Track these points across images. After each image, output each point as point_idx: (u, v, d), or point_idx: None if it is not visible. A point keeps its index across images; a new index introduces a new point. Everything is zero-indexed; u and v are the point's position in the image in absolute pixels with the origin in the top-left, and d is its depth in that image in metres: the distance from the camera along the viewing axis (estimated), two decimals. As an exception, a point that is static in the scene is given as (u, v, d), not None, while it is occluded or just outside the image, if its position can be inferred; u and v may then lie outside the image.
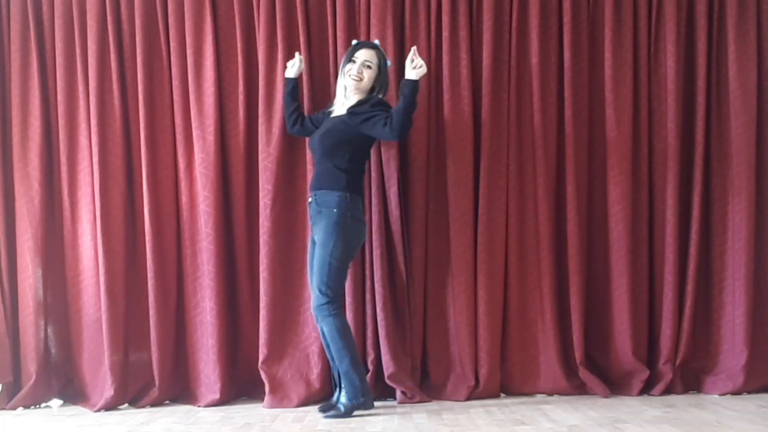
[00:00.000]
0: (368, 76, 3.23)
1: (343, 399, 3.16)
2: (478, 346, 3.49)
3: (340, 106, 3.30)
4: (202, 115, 3.50)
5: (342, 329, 3.14)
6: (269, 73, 3.50)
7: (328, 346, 3.19)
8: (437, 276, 3.54)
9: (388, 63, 3.32)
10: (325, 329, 3.15)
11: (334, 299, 3.13)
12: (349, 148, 3.21)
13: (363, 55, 3.23)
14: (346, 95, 3.28)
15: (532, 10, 3.52)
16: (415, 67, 3.12)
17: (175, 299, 3.57)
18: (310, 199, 3.28)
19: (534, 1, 3.51)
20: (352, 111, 3.20)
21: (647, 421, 2.94)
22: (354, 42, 3.33)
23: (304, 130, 3.42)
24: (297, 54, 3.42)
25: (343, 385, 3.17)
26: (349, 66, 3.24)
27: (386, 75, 3.30)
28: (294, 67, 3.41)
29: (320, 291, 3.13)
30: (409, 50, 3.47)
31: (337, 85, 3.33)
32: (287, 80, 3.42)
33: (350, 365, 3.13)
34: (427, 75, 3.49)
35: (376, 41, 3.35)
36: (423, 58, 3.46)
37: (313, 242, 3.27)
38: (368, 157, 3.35)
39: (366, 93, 3.27)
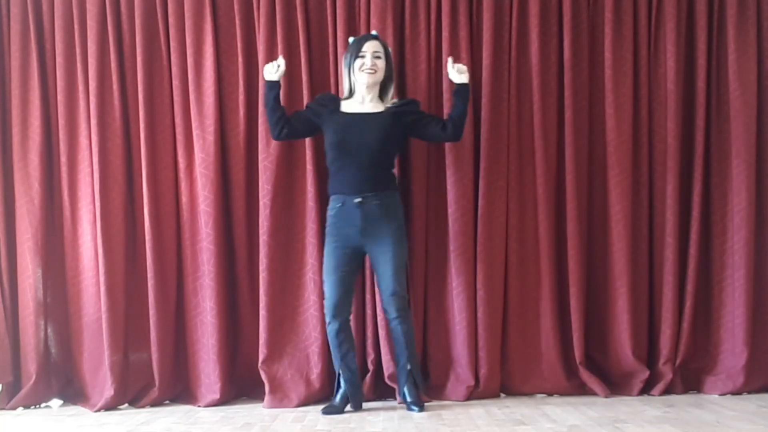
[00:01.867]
0: (380, 66, 3.25)
1: (411, 398, 3.22)
2: (478, 346, 3.48)
3: (360, 103, 3.27)
4: (202, 115, 3.50)
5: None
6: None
7: (403, 346, 3.21)
8: (437, 276, 3.54)
9: (390, 49, 3.34)
10: (407, 329, 3.21)
11: (409, 301, 3.28)
12: (396, 147, 3.29)
13: (370, 47, 3.23)
14: (361, 92, 3.26)
15: (532, 10, 3.52)
16: (460, 72, 3.29)
17: (175, 299, 3.57)
18: (359, 200, 3.17)
19: (534, 1, 3.51)
20: (398, 111, 3.25)
21: (647, 421, 2.94)
22: (351, 39, 3.32)
23: (293, 132, 3.33)
24: (280, 57, 3.39)
25: (416, 381, 3.25)
26: (359, 61, 3.23)
27: (392, 63, 3.32)
28: (279, 71, 3.33)
29: (401, 296, 3.20)
30: (409, 50, 3.48)
31: (345, 83, 3.30)
32: (272, 84, 3.31)
33: (419, 364, 3.29)
34: (427, 75, 3.52)
35: (374, 32, 3.36)
36: (423, 58, 3.51)
37: (345, 245, 3.20)
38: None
39: (378, 84, 3.28)
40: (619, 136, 3.53)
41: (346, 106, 3.29)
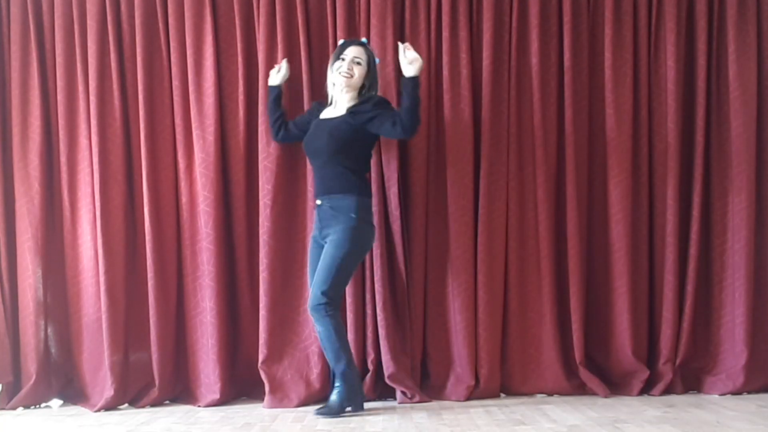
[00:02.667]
0: (358, 72, 3.23)
1: (335, 397, 3.15)
2: (478, 346, 3.48)
3: (333, 108, 3.30)
4: (202, 115, 3.50)
5: (339, 330, 3.14)
6: (269, 73, 3.50)
7: (324, 347, 3.19)
8: (437, 276, 3.54)
9: (377, 60, 3.32)
10: (322, 330, 3.14)
11: (332, 301, 3.12)
12: (355, 148, 3.22)
13: (352, 52, 3.23)
14: (336, 94, 3.28)
15: (532, 10, 3.52)
16: (410, 62, 3.13)
17: (175, 299, 3.57)
18: (319, 203, 3.25)
19: (534, 1, 3.51)
20: (355, 110, 3.21)
21: (647, 421, 2.94)
22: (341, 41, 3.33)
23: (289, 135, 3.41)
24: (284, 61, 3.42)
25: (336, 384, 3.17)
26: (338, 63, 3.24)
27: (375, 72, 3.30)
28: (280, 74, 3.40)
29: (321, 292, 3.12)
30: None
31: (327, 85, 3.33)
32: (271, 88, 3.42)
33: (347, 365, 3.13)
34: (427, 75, 3.51)
35: (364, 39, 3.36)
36: (423, 58, 3.43)
37: (316, 243, 3.28)
38: (371, 156, 3.36)
39: (356, 90, 3.26)
40: (619, 136, 3.53)
41: (324, 113, 3.33)
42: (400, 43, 3.24)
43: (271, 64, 3.50)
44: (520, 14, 3.54)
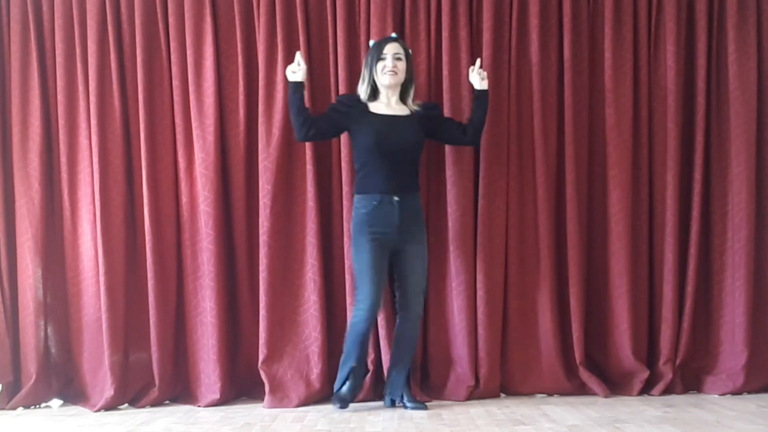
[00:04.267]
0: (401, 67, 3.26)
1: (410, 399, 3.27)
2: (478, 346, 3.48)
3: (385, 105, 3.28)
4: (202, 115, 3.50)
5: None
6: (269, 73, 3.50)
7: (412, 347, 3.30)
8: (437, 276, 3.54)
9: (410, 51, 3.35)
10: (416, 335, 3.30)
11: None
12: (423, 149, 3.34)
13: (391, 49, 3.24)
14: (385, 93, 3.28)
15: (532, 10, 3.52)
16: (483, 78, 3.33)
17: (175, 299, 3.57)
18: (398, 198, 3.20)
19: (534, 1, 3.51)
20: (424, 114, 3.30)
21: (647, 421, 2.94)
22: (372, 42, 3.32)
23: (321, 133, 3.30)
24: (298, 54, 3.30)
25: (408, 387, 3.30)
26: (381, 64, 3.23)
27: (412, 63, 3.34)
28: (301, 69, 3.23)
29: (422, 300, 3.30)
30: (409, 50, 3.48)
31: (365, 86, 3.27)
32: (296, 85, 3.23)
33: (412, 367, 3.35)
34: (427, 75, 3.52)
35: (394, 34, 3.35)
36: (423, 58, 3.52)
37: (380, 241, 3.18)
38: None
39: (400, 85, 3.29)
40: (619, 136, 3.53)
41: (374, 108, 3.29)
42: (478, 59, 3.37)
43: (271, 64, 3.49)
44: (520, 14, 3.54)
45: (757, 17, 3.55)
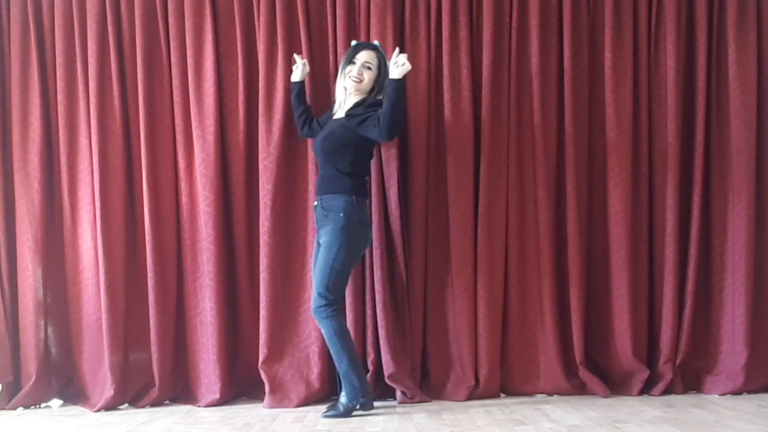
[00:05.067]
0: (368, 77, 3.24)
1: (343, 399, 3.17)
2: (478, 346, 3.49)
3: (339, 109, 3.30)
4: (202, 115, 3.50)
5: (339, 331, 3.14)
6: (269, 73, 3.50)
7: (329, 347, 3.20)
8: (437, 276, 3.54)
9: (388, 64, 3.31)
10: (323, 331, 3.18)
11: (332, 302, 3.14)
12: (350, 150, 3.21)
13: (363, 56, 3.23)
14: (345, 97, 3.28)
15: (532, 10, 3.52)
16: (397, 65, 3.09)
17: (175, 299, 3.57)
18: (315, 203, 3.28)
19: (534, 1, 3.51)
20: (350, 114, 3.21)
21: (647, 421, 2.94)
22: (353, 43, 3.33)
23: (312, 132, 3.42)
24: (299, 57, 3.40)
25: (342, 386, 3.18)
26: (349, 68, 3.24)
27: (386, 76, 3.27)
28: (298, 70, 3.40)
29: (319, 294, 3.14)
30: (409, 50, 3.49)
31: (336, 87, 3.33)
32: (293, 84, 3.42)
33: (349, 366, 3.14)
34: (427, 75, 3.51)
35: (376, 42, 3.35)
36: (423, 58, 3.51)
37: (318, 245, 3.28)
38: (371, 157, 3.35)
39: (366, 94, 3.27)
40: (619, 136, 3.53)
41: (335, 111, 3.34)
42: (397, 48, 3.20)
43: (271, 64, 3.50)
44: (520, 14, 3.54)
45: (757, 17, 3.55)
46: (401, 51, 3.45)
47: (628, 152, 3.54)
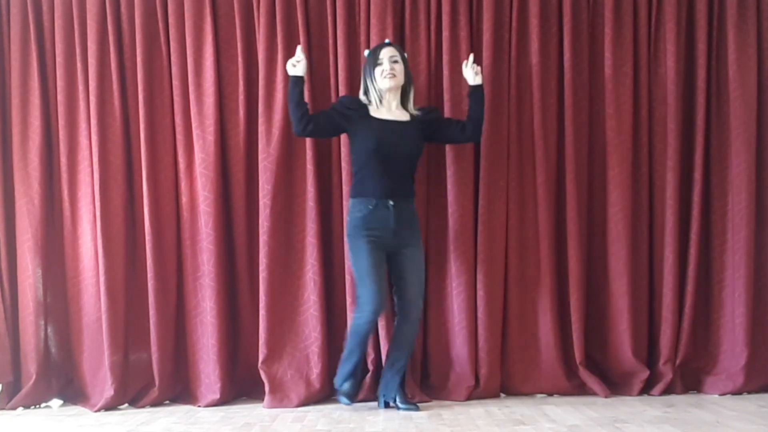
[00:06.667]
0: (399, 70, 3.26)
1: (403, 397, 3.27)
2: (478, 346, 3.48)
3: (387, 110, 3.28)
4: (202, 115, 3.50)
5: None
6: (269, 73, 3.50)
7: (410, 347, 3.29)
8: (437, 276, 3.54)
9: (406, 55, 3.35)
10: (417, 332, 3.31)
11: None
12: (420, 155, 3.34)
13: (386, 53, 3.25)
14: (385, 98, 3.27)
15: (532, 10, 3.52)
16: (477, 73, 3.32)
17: (175, 299, 3.57)
18: (392, 203, 3.20)
19: (534, 1, 3.51)
20: (423, 119, 3.31)
21: (647, 421, 2.94)
22: (366, 51, 3.33)
23: (319, 130, 3.28)
24: (299, 48, 3.30)
25: (403, 389, 3.28)
26: (378, 69, 3.24)
27: (408, 66, 3.33)
28: (301, 63, 3.24)
29: (422, 299, 3.30)
30: (409, 50, 3.49)
31: (369, 94, 3.27)
32: (296, 79, 3.23)
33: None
34: (427, 75, 3.52)
35: (387, 40, 3.35)
36: (423, 58, 3.52)
37: (376, 243, 3.17)
38: None
39: (399, 88, 3.29)
40: (619, 136, 3.53)
41: (375, 113, 3.28)
42: (471, 56, 3.36)
43: (271, 64, 3.50)
44: (520, 14, 3.54)
45: (757, 17, 3.56)
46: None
47: (628, 152, 3.54)
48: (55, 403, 3.61)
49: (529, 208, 3.57)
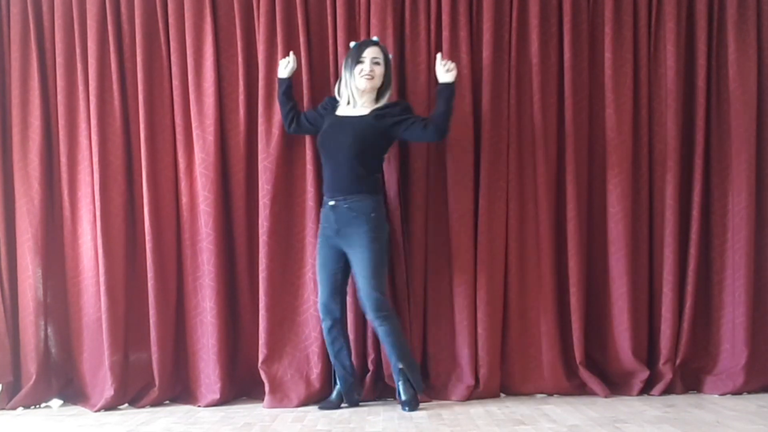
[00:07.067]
0: (378, 72, 3.26)
1: (408, 393, 3.21)
2: (478, 346, 3.48)
3: (350, 107, 3.30)
4: (202, 115, 3.50)
5: (400, 325, 3.28)
6: (269, 73, 3.50)
7: (393, 344, 3.21)
8: (437, 276, 3.54)
9: (390, 57, 3.35)
10: (387, 329, 3.20)
11: (388, 299, 3.25)
12: (378, 150, 3.29)
13: (370, 53, 3.25)
14: (356, 96, 3.28)
15: (532, 10, 3.52)
16: (448, 70, 3.24)
17: (175, 299, 3.57)
18: (333, 203, 3.24)
19: (534, 1, 3.51)
20: (380, 113, 3.25)
21: (647, 421, 2.94)
22: (353, 43, 3.33)
23: (300, 128, 3.42)
24: (291, 53, 3.43)
25: (411, 380, 3.21)
26: (358, 67, 3.25)
27: (390, 70, 3.33)
28: (287, 67, 3.41)
29: (380, 292, 3.19)
30: (409, 50, 3.49)
31: (342, 86, 3.31)
32: (281, 80, 3.42)
33: (413, 358, 3.27)
34: (427, 75, 3.51)
35: (376, 38, 3.36)
36: (423, 58, 3.51)
37: (328, 242, 3.26)
38: (384, 158, 3.39)
39: (375, 90, 3.29)
40: (619, 136, 3.53)
41: (340, 110, 3.34)
42: (438, 54, 3.31)
43: (271, 64, 3.50)
44: (520, 14, 3.54)
45: (757, 17, 3.55)
46: (401, 51, 3.48)
47: (628, 152, 3.54)
48: (55, 403, 3.61)
49: (529, 208, 3.57)
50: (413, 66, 3.49)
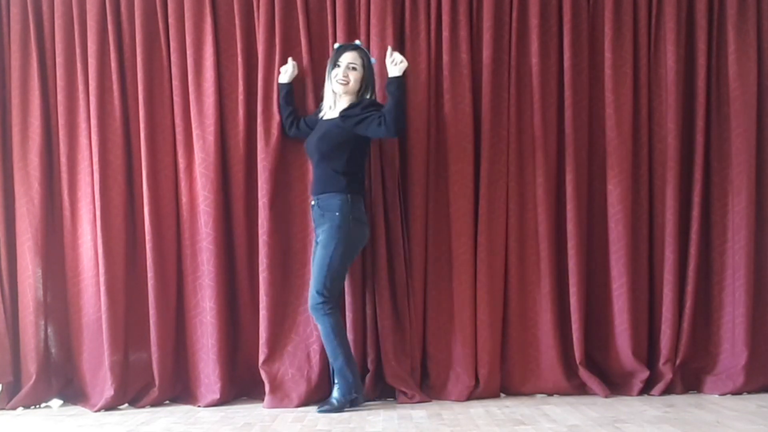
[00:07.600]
0: (354, 78, 3.29)
1: (336, 394, 3.24)
2: (478, 346, 3.48)
3: (329, 110, 3.35)
4: (202, 115, 3.50)
5: (336, 328, 3.23)
6: (269, 73, 3.50)
7: (324, 344, 3.27)
8: (437, 276, 3.54)
9: (373, 61, 3.36)
10: (321, 328, 3.25)
11: (329, 300, 3.21)
12: (346, 150, 3.27)
13: (347, 58, 3.28)
14: (335, 99, 3.33)
15: (532, 10, 3.52)
16: (395, 64, 3.24)
17: (175, 299, 3.57)
18: (312, 203, 3.33)
19: (534, 1, 3.51)
20: (345, 114, 3.27)
21: (647, 421, 2.94)
22: (336, 45, 3.35)
23: (299, 132, 3.46)
24: (290, 59, 3.46)
25: (336, 381, 3.25)
26: (335, 71, 3.28)
27: (371, 74, 3.34)
28: (287, 72, 3.45)
29: (317, 291, 3.22)
30: (409, 50, 3.49)
31: (325, 89, 3.37)
32: (281, 85, 3.46)
33: (344, 362, 3.22)
34: (427, 75, 3.51)
35: (358, 41, 3.38)
36: (423, 58, 3.51)
37: (316, 244, 3.33)
38: (366, 156, 3.38)
39: (354, 94, 3.33)
40: (619, 136, 3.53)
41: (323, 113, 3.39)
42: (389, 47, 3.31)
43: (271, 64, 3.50)
44: (520, 14, 3.54)
45: (757, 17, 3.56)
46: (401, 51, 3.47)
47: (628, 152, 3.54)
48: (55, 403, 3.61)
49: (529, 208, 3.57)
50: (413, 66, 3.49)
